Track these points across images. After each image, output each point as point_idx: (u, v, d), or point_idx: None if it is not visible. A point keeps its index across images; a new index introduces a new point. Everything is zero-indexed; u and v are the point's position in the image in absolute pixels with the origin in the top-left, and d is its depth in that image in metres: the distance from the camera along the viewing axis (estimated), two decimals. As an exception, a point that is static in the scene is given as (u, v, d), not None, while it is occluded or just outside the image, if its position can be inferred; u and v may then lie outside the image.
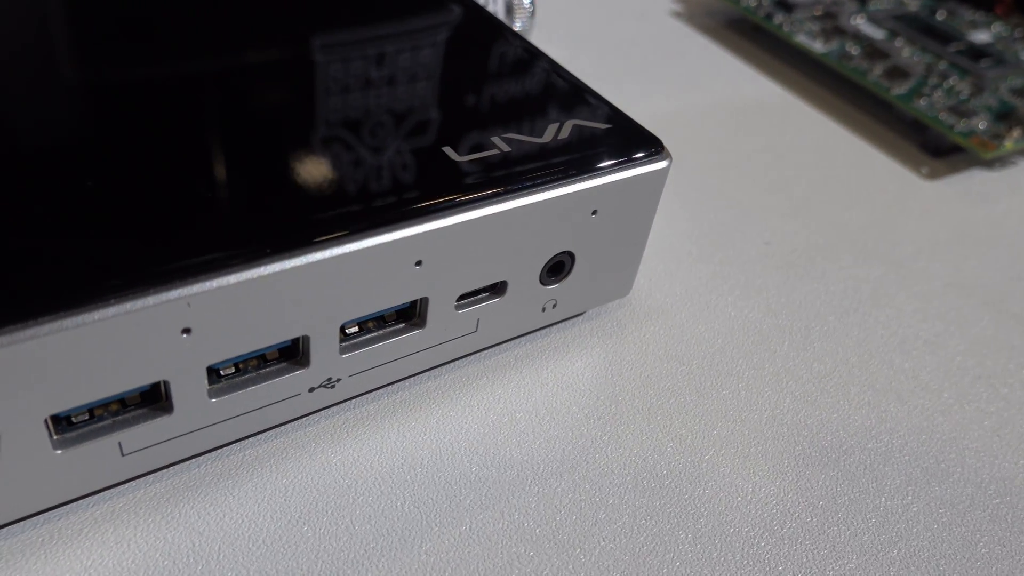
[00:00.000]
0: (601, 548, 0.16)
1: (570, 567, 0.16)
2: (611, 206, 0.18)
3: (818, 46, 0.34)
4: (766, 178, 0.28)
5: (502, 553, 0.16)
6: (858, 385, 0.20)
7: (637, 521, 0.17)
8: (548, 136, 0.18)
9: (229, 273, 0.14)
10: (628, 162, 0.18)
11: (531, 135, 0.18)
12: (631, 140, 0.18)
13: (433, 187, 0.16)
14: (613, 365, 0.20)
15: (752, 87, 0.33)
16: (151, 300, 0.13)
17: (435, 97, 0.18)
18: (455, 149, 0.17)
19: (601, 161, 0.18)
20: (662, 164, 0.18)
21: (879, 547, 0.17)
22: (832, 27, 0.35)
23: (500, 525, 0.16)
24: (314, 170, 0.16)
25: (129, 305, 0.13)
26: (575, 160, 0.17)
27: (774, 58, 0.35)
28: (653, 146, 0.18)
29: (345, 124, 0.17)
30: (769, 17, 0.35)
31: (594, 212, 0.18)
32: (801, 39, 0.34)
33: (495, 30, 0.22)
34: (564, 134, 0.18)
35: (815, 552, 0.17)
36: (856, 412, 0.20)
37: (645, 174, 0.18)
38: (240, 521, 0.16)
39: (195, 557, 0.15)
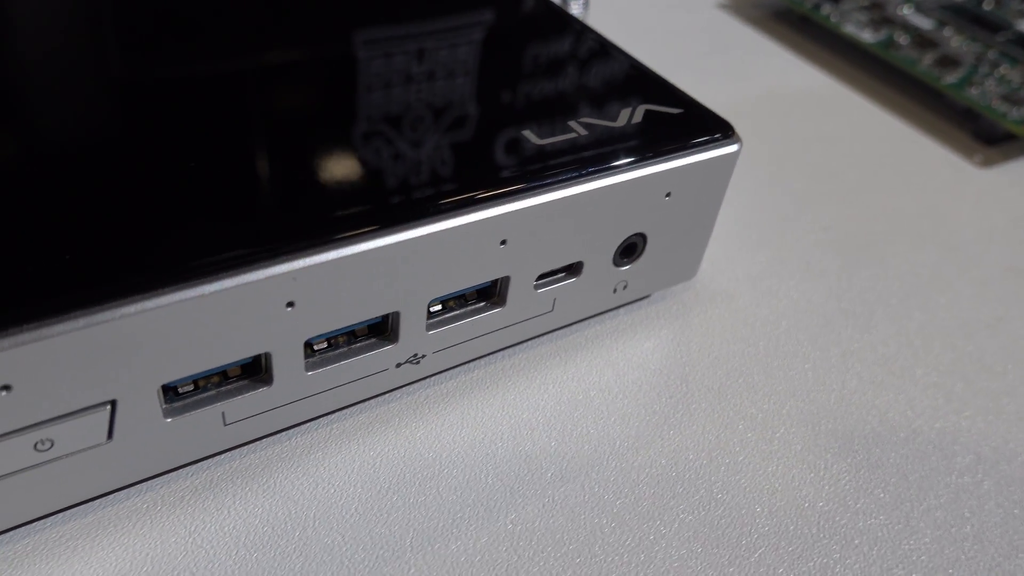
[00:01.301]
0: (680, 520, 0.16)
1: (651, 538, 0.16)
2: (684, 188, 0.18)
3: (867, 36, 0.34)
4: (820, 166, 0.28)
5: (585, 524, 0.16)
6: (923, 367, 0.21)
7: (713, 495, 0.17)
8: (622, 120, 0.18)
9: (333, 248, 0.14)
10: (701, 145, 0.18)
11: (606, 119, 0.18)
12: (702, 124, 0.19)
13: (518, 169, 0.16)
14: (681, 346, 0.20)
15: (801, 77, 0.33)
16: (261, 274, 0.14)
17: (513, 83, 0.19)
18: (535, 133, 0.17)
19: (675, 144, 0.18)
20: (733, 147, 0.19)
21: (952, 523, 0.17)
22: (880, 17, 0.35)
23: (581, 497, 0.17)
24: (410, 152, 0.16)
25: (241, 278, 0.13)
26: (650, 143, 0.18)
27: (822, 48, 0.35)
28: (724, 130, 0.19)
29: (435, 109, 0.18)
30: (816, 7, 0.35)
31: (668, 194, 0.18)
32: (849, 29, 0.34)
33: (564, 19, 0.22)
34: (637, 118, 0.18)
35: (889, 527, 0.17)
36: (922, 393, 0.20)
37: (717, 157, 0.18)
38: (332, 491, 0.16)
39: (292, 524, 0.15)
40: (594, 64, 0.20)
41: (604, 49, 0.21)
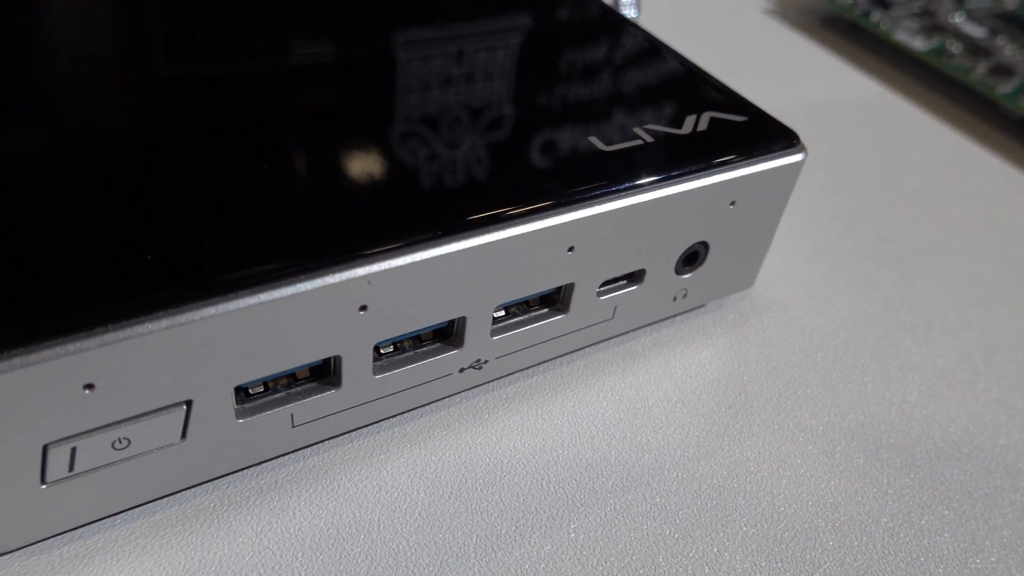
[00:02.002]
0: (744, 533, 0.16)
1: (715, 550, 0.16)
2: (748, 197, 0.18)
3: (918, 44, 0.33)
4: (873, 176, 0.28)
5: (648, 534, 0.16)
6: (984, 382, 0.20)
7: (776, 508, 0.17)
8: (687, 128, 0.18)
9: (408, 253, 0.14)
10: (767, 154, 0.18)
11: (671, 127, 0.18)
12: (767, 132, 0.19)
13: (586, 176, 0.16)
14: (739, 355, 0.20)
15: (851, 85, 0.33)
16: (337, 277, 0.14)
17: (576, 89, 0.19)
18: (601, 139, 0.17)
19: (741, 152, 0.18)
20: (798, 157, 0.19)
21: (1019, 542, 0.17)
22: (931, 24, 0.35)
23: (643, 507, 0.17)
24: (482, 158, 0.16)
25: (319, 281, 0.13)
26: (715, 151, 0.18)
27: (871, 55, 0.35)
28: (789, 138, 0.19)
29: (504, 116, 0.18)
30: (866, 14, 0.35)
31: (732, 203, 0.18)
32: (900, 37, 0.34)
33: (625, 26, 0.22)
34: (703, 126, 0.18)
35: (955, 546, 0.17)
36: (984, 409, 0.20)
37: (782, 166, 0.18)
38: (395, 494, 0.16)
39: (357, 526, 0.16)
40: (655, 70, 0.20)
41: (664, 54, 0.21)
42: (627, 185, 0.16)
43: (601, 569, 0.15)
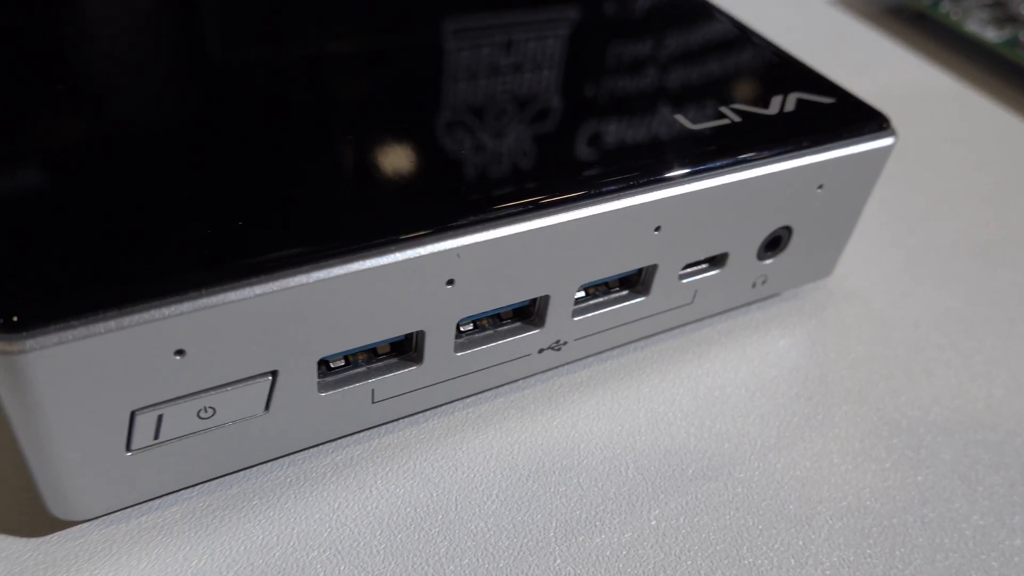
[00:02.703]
0: (830, 527, 0.16)
1: (800, 543, 0.15)
2: (836, 181, 0.18)
3: (990, 34, 0.32)
4: (949, 168, 0.27)
5: (731, 524, 0.16)
6: (1073, 379, 0.20)
7: (862, 502, 0.16)
8: (774, 108, 0.18)
9: (497, 226, 0.14)
10: (857, 136, 0.17)
11: (758, 107, 0.18)
12: (856, 114, 0.18)
13: (675, 154, 0.16)
14: (817, 345, 0.20)
15: (920, 76, 0.32)
16: (427, 249, 0.13)
17: (661, 69, 0.18)
18: (688, 118, 0.17)
19: (830, 134, 0.17)
20: (888, 140, 0.18)
21: (1118, 545, 0.16)
22: (1004, 15, 0.34)
23: (725, 496, 0.16)
24: (569, 135, 0.16)
25: (409, 252, 0.13)
26: (805, 132, 0.17)
27: (940, 46, 0.34)
28: (879, 121, 0.18)
29: (592, 93, 0.17)
30: (935, 5, 0.34)
31: (820, 187, 0.17)
32: (971, 27, 0.33)
33: (706, 6, 0.22)
34: (790, 106, 0.18)
35: (1050, 545, 0.16)
36: (1074, 407, 0.19)
37: (873, 150, 0.18)
38: (472, 475, 0.16)
39: (435, 507, 0.15)
40: (737, 50, 0.20)
41: (745, 35, 0.20)
42: (717, 164, 0.16)
43: (684, 558, 0.15)
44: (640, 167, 0.15)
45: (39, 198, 0.13)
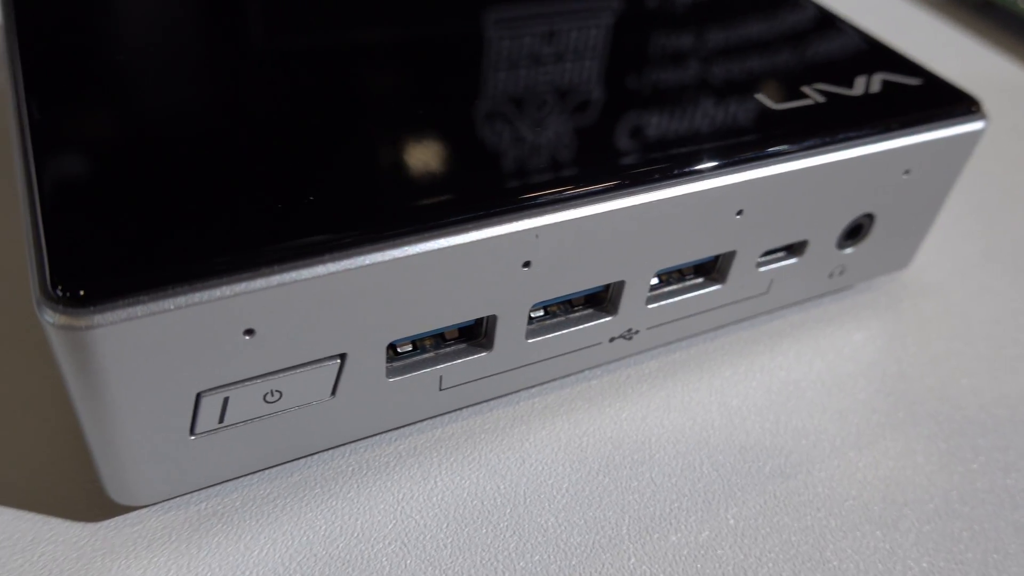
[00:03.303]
0: (918, 531, 0.15)
1: (887, 547, 0.15)
2: (923, 167, 0.17)
3: (1061, 23, 0.31)
4: (1020, 159, 0.26)
5: (812, 525, 0.15)
6: None
7: (951, 506, 0.15)
8: (858, 89, 0.17)
9: (577, 206, 0.13)
10: (947, 119, 0.17)
11: (841, 87, 0.17)
12: (945, 97, 0.17)
13: (757, 134, 0.15)
14: (894, 340, 0.19)
15: (986, 65, 0.31)
16: (505, 228, 0.13)
17: (741, 48, 0.18)
18: (769, 97, 0.16)
19: (918, 117, 0.16)
20: (979, 124, 0.17)
21: None
22: (1075, 3, 0.32)
23: (805, 496, 0.15)
24: (651, 114, 0.15)
25: (486, 231, 0.12)
26: (892, 114, 0.16)
27: (1006, 34, 0.33)
28: (969, 104, 0.17)
29: (671, 71, 0.16)
30: (1002, -8, 0.33)
31: (906, 172, 0.17)
32: (1041, 15, 0.32)
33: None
34: (875, 87, 0.17)
35: None
36: None
37: (962, 135, 0.17)
38: (540, 468, 0.15)
39: (502, 500, 0.15)
40: (817, 30, 0.19)
41: (825, 15, 0.20)
42: (804, 145, 0.15)
43: (765, 559, 0.14)
44: (724, 148, 0.14)
45: (110, 171, 0.12)
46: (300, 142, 0.13)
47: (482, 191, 0.13)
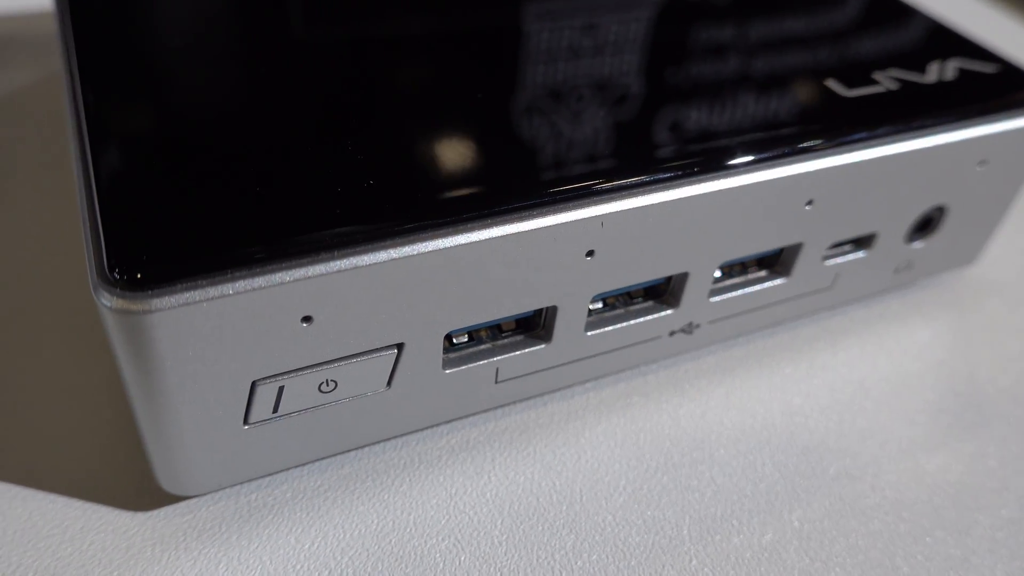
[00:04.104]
0: (993, 537, 0.14)
1: (959, 553, 0.14)
2: (1000, 157, 0.16)
3: None
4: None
5: (881, 530, 0.14)
6: None
7: (1026, 511, 0.15)
8: (932, 76, 0.16)
9: (645, 193, 0.12)
10: (1025, 108, 0.16)
11: (914, 74, 0.16)
12: (1023, 84, 0.16)
13: (829, 121, 0.14)
14: (962, 339, 0.18)
15: (1049, 56, 0.30)
16: (571, 215, 0.12)
17: (812, 33, 0.17)
18: (840, 83, 0.15)
19: (996, 104, 0.16)
20: (1058, 114, 0.16)
21: None
22: None
23: (873, 499, 0.15)
24: (720, 101, 0.14)
25: (551, 218, 0.12)
26: (968, 102, 0.15)
27: (1070, 26, 0.32)
28: (1049, 93, 0.16)
29: (739, 59, 0.16)
30: (1065, -20, 0.32)
31: (982, 162, 0.16)
32: (1107, 5, 0.30)
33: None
34: (950, 74, 0.16)
35: None
36: None
37: (1042, 124, 0.16)
38: (597, 464, 0.15)
39: (558, 497, 0.14)
40: (889, 17, 0.18)
41: (894, 2, 0.19)
42: (875, 133, 0.14)
43: (832, 564, 0.14)
44: (792, 134, 0.14)
45: (167, 156, 0.12)
46: (361, 128, 0.13)
47: (548, 178, 0.12)
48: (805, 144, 0.14)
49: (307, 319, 0.11)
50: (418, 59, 0.15)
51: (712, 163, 0.13)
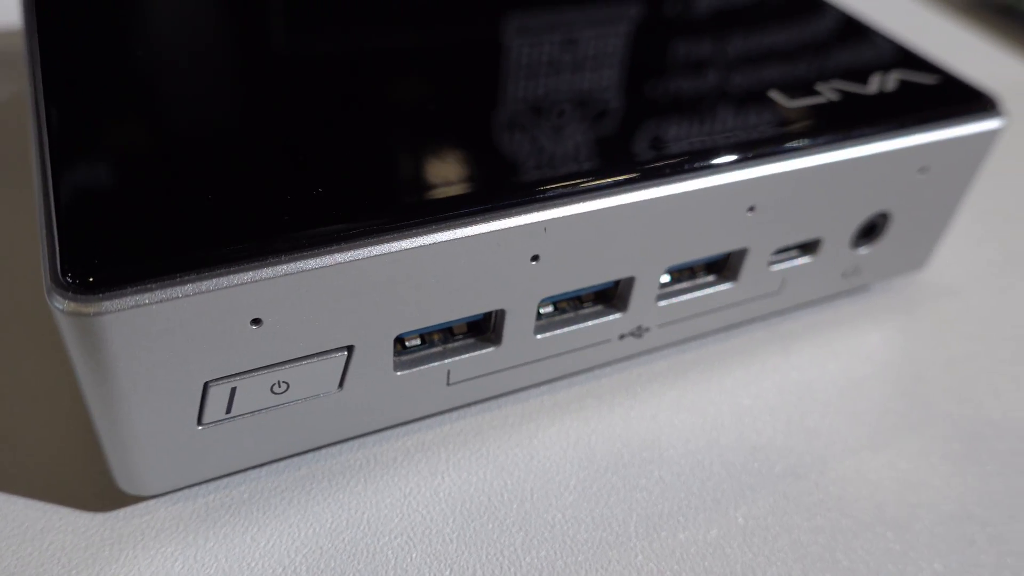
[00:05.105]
0: (932, 532, 0.15)
1: (898, 547, 0.14)
2: (939, 165, 0.17)
3: (1085, 27, 0.31)
4: (1043, 161, 0.25)
5: (824, 526, 0.15)
6: None
7: (966, 507, 0.15)
8: (873, 87, 0.17)
9: (586, 200, 0.13)
10: (964, 117, 0.16)
11: (856, 85, 0.17)
12: (962, 95, 0.17)
13: (771, 130, 0.15)
14: (911, 342, 0.18)
15: (1008, 72, 0.30)
16: (514, 220, 0.13)
17: (755, 45, 0.17)
18: (783, 94, 0.16)
19: (934, 115, 0.16)
20: (996, 123, 0.17)
21: None
22: (1099, 7, 0.32)
23: (816, 496, 0.15)
24: (662, 109, 0.15)
25: (494, 224, 0.12)
26: (908, 112, 0.16)
27: (1029, 40, 0.32)
28: (986, 103, 0.17)
29: (678, 67, 0.16)
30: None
31: (922, 170, 0.16)
32: (1064, 19, 0.31)
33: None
34: (890, 86, 0.17)
35: None
36: None
37: (979, 133, 0.17)
38: (548, 464, 0.15)
39: (510, 496, 0.14)
40: (832, 29, 0.19)
41: (840, 14, 0.19)
42: (815, 142, 0.15)
43: (775, 559, 0.14)
44: (735, 143, 0.14)
45: (121, 163, 0.12)
46: (310, 135, 0.13)
47: (491, 184, 0.13)
48: (743, 153, 0.14)
49: (256, 321, 0.12)
50: (366, 68, 0.15)
51: (652, 171, 0.14)
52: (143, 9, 0.16)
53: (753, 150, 0.14)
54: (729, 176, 0.14)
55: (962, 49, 0.31)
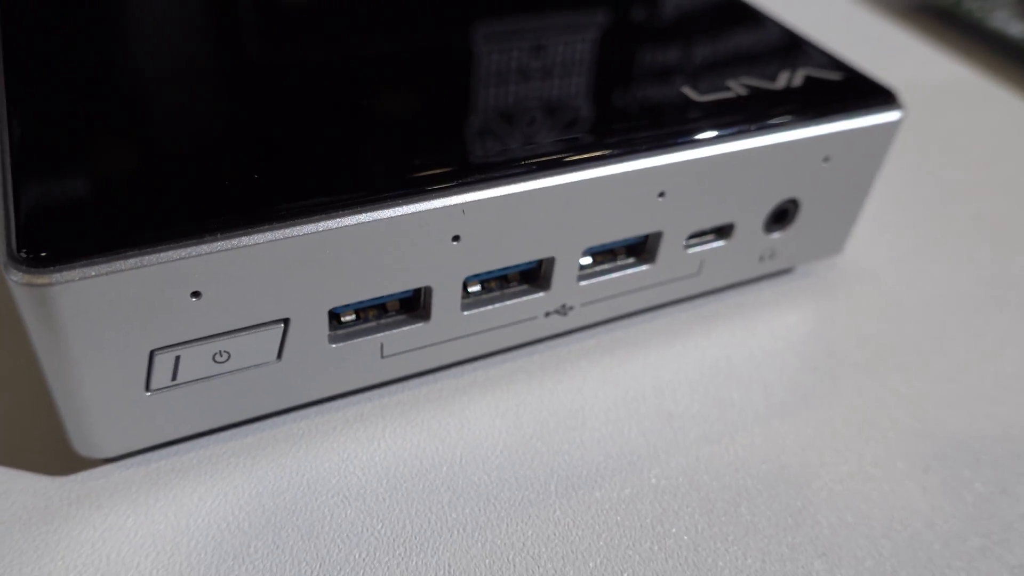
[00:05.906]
0: (830, 489, 0.16)
1: (799, 503, 0.16)
2: (843, 154, 0.18)
3: (1015, 29, 0.32)
4: (967, 158, 0.27)
5: (730, 484, 0.16)
6: (1086, 359, 0.20)
7: (864, 469, 0.16)
8: (781, 83, 0.18)
9: (503, 184, 0.14)
10: (863, 110, 0.18)
11: (764, 81, 0.18)
12: (864, 91, 0.18)
13: (679, 122, 0.16)
14: (826, 321, 0.20)
15: (942, 71, 0.32)
16: (432, 204, 0.14)
17: (671, 44, 0.19)
18: (695, 90, 0.17)
19: (836, 108, 0.18)
20: (895, 115, 0.18)
21: (1124, 516, 0.16)
22: (1031, 11, 0.34)
23: (726, 459, 0.16)
24: (575, 101, 0.16)
25: (414, 206, 0.14)
26: (811, 105, 0.17)
27: (965, 42, 0.34)
28: (886, 96, 0.18)
29: (599, 62, 0.18)
30: (959, 2, 0.34)
31: (826, 159, 0.18)
32: (996, 23, 0.33)
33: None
34: (797, 82, 0.18)
35: (1054, 515, 0.16)
36: (1086, 385, 0.19)
37: (879, 124, 0.18)
38: (478, 432, 0.16)
39: (439, 460, 0.16)
40: (747, 30, 0.20)
41: (756, 16, 0.21)
42: (720, 132, 0.16)
43: (683, 513, 0.15)
44: (642, 133, 0.16)
45: (71, 145, 0.13)
46: (250, 121, 0.14)
47: (412, 168, 0.14)
48: (652, 141, 0.16)
49: (196, 294, 0.13)
50: (297, 55, 0.16)
51: (564, 158, 0.15)
52: None
53: (661, 140, 0.16)
54: (637, 163, 0.15)
55: (900, 51, 0.33)
